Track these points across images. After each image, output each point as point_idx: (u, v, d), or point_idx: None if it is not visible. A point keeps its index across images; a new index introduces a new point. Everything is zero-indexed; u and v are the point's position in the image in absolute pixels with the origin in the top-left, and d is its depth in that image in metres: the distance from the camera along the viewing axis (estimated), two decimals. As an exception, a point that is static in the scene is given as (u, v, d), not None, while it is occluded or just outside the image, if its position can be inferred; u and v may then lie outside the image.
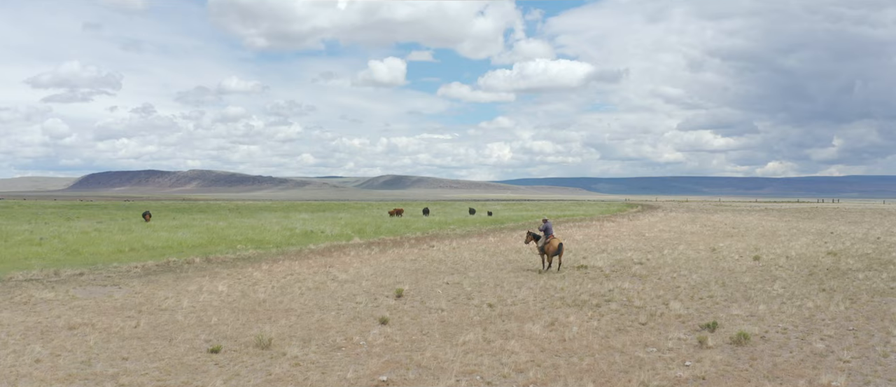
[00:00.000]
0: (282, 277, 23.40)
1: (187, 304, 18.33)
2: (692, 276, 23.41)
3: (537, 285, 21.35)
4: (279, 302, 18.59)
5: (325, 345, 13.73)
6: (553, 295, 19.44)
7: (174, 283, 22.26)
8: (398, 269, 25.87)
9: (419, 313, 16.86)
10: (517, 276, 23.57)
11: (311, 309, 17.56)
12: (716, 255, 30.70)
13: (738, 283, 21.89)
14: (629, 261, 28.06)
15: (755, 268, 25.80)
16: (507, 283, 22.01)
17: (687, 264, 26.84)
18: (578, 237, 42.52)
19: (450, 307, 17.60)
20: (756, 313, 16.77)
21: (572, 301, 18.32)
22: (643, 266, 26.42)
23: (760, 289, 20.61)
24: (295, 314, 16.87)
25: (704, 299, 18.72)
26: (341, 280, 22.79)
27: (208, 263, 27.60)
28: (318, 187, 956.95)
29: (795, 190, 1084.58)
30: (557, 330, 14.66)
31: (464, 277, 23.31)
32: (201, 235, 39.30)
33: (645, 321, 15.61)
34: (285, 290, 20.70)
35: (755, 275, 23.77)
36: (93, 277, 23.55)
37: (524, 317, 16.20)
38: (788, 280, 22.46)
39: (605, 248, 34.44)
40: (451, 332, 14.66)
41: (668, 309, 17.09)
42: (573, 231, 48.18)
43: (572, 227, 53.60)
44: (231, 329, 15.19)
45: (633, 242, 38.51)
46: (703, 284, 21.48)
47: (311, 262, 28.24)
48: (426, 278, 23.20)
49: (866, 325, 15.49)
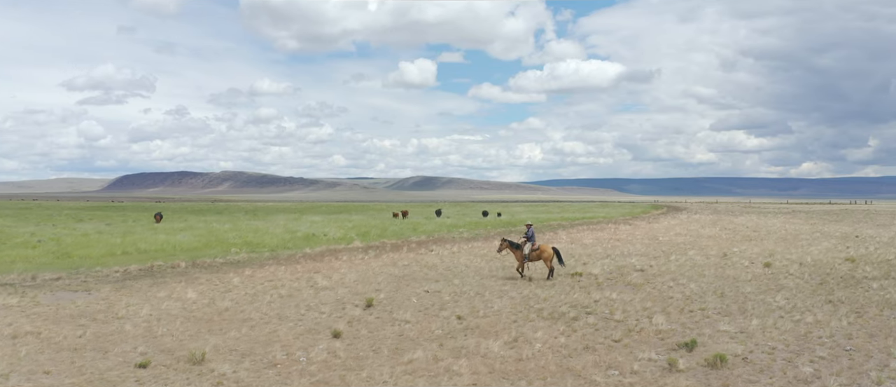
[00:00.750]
0: (259, 284, 22.53)
1: (146, 312, 17.56)
2: (690, 285, 21.95)
3: (520, 295, 20.12)
4: (241, 311, 17.69)
5: (262, 361, 12.74)
6: (532, 306, 18.20)
7: (147, 288, 21.54)
8: (384, 275, 24.84)
9: (380, 326, 15.79)
10: (504, 284, 22.35)
11: (270, 319, 16.61)
12: (725, 261, 29.07)
13: (738, 293, 20.40)
14: (630, 268, 26.63)
15: (763, 276, 24.21)
16: (490, 291, 20.82)
17: (690, 272, 25.33)
18: (588, 241, 41.07)
19: (416, 319, 16.49)
20: (747, 328, 15.35)
21: (549, 313, 17.07)
22: (643, 274, 25.00)
23: (760, 300, 19.11)
24: (250, 325, 15.94)
25: (694, 312, 17.32)
26: (319, 287, 21.84)
27: (193, 268, 26.89)
28: (349, 189, 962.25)
29: (830, 191, 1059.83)
30: (517, 348, 13.46)
31: (448, 285, 22.19)
32: (200, 238, 38.75)
33: (619, 338, 14.31)
34: (256, 297, 19.80)
35: (760, 284, 22.21)
36: (68, 282, 22.94)
37: (489, 331, 15.02)
38: (794, 290, 20.89)
39: (609, 253, 32.99)
40: (403, 348, 13.56)
41: (649, 324, 15.76)
42: (584, 235, 46.67)
43: (586, 230, 52.04)
44: (174, 342, 14.30)
45: (643, 246, 36.96)
46: (699, 295, 20.04)
47: (299, 267, 27.36)
48: (408, 286, 22.12)
49: (867, 344, 14.00)
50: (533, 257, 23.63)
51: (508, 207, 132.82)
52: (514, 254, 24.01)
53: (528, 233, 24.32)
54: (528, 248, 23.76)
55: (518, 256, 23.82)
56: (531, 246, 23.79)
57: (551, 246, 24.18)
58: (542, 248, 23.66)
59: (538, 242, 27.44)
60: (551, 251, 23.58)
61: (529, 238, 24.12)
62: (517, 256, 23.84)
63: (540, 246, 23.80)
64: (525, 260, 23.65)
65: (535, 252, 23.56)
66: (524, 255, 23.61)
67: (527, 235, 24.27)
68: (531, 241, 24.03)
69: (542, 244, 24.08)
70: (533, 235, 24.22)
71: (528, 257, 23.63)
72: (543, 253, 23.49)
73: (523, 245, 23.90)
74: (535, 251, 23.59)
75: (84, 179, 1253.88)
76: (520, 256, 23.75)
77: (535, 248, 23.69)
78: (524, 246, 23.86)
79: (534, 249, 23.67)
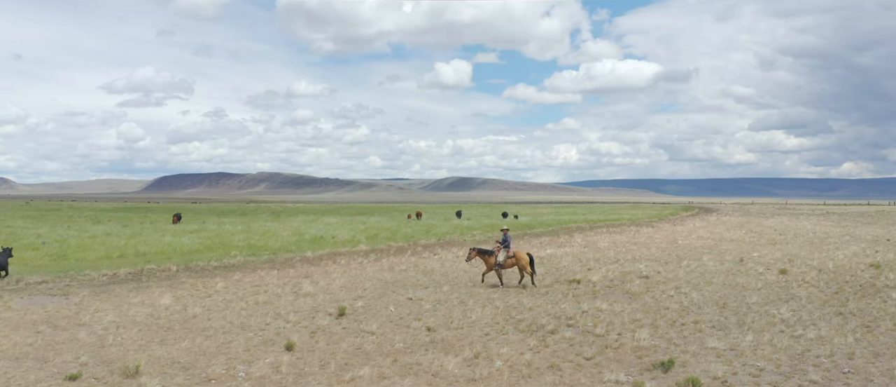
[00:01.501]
0: (242, 289, 21.83)
1: (110, 319, 16.96)
2: (692, 294, 20.57)
3: (506, 304, 19.02)
4: (208, 319, 16.95)
5: (198, 376, 11.93)
6: (513, 317, 17.09)
7: (127, 293, 21.01)
8: (374, 280, 23.95)
9: (342, 338, 14.87)
10: (493, 292, 21.25)
11: (232, 329, 15.82)
12: (740, 267, 27.50)
13: (741, 304, 18.99)
14: (634, 274, 25.28)
15: (775, 284, 22.68)
16: (475, 299, 19.76)
17: (697, 279, 23.90)
18: (603, 244, 39.60)
19: (383, 330, 15.54)
20: (738, 345, 14.04)
21: (528, 326, 15.95)
22: (646, 281, 23.66)
23: (763, 312, 17.70)
24: (207, 335, 15.17)
25: (686, 326, 16.03)
26: (302, 293, 21.04)
27: (184, 271, 26.34)
28: (384, 189, 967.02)
29: (871, 192, 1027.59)
30: (475, 365, 12.40)
31: (435, 292, 21.20)
32: (205, 241, 38.38)
33: (592, 356, 13.14)
34: (230, 304, 19.08)
35: (768, 293, 20.73)
36: (51, 286, 22.53)
37: (454, 346, 13.98)
38: (805, 300, 19.39)
39: (619, 258, 31.59)
40: (352, 364, 12.61)
41: (631, 339, 14.54)
42: (601, 238, 45.17)
43: (604, 233, 50.47)
44: (119, 352, 13.59)
45: (658, 251, 35.42)
46: (698, 305, 18.70)
47: (292, 271, 26.63)
48: (393, 292, 21.18)
49: (869, 365, 12.62)
50: (507, 265, 22.50)
51: (536, 209, 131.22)
52: (485, 261, 22.88)
53: (504, 239, 23.13)
54: (502, 255, 22.58)
55: (489, 263, 22.68)
56: (506, 253, 22.61)
57: (526, 253, 23.01)
58: (517, 254, 22.54)
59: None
60: (527, 258, 22.47)
61: (505, 244, 22.94)
62: (488, 264, 22.70)
63: (515, 253, 22.64)
64: (498, 267, 22.50)
65: (511, 259, 22.45)
66: (497, 262, 22.50)
67: (502, 242, 23.06)
68: (506, 247, 22.85)
69: (517, 251, 22.88)
70: (508, 242, 23.02)
71: (502, 265, 22.49)
72: (519, 260, 22.38)
73: (497, 252, 22.73)
74: (510, 259, 22.46)
75: (123, 181, 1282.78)
76: (491, 264, 22.62)
77: (510, 255, 22.54)
78: (499, 253, 22.69)
79: (509, 256, 22.51)
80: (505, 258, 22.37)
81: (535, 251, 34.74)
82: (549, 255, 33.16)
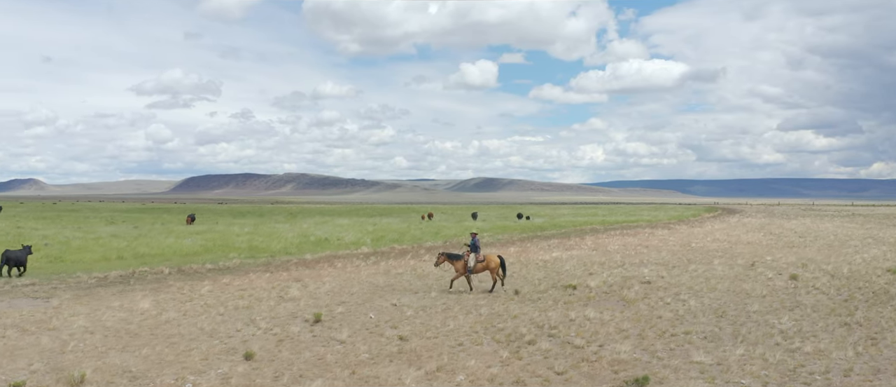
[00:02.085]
0: (227, 293, 21.37)
1: (81, 323, 16.55)
2: (690, 301, 19.59)
3: (491, 311, 18.23)
4: (180, 324, 16.45)
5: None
6: (494, 325, 16.31)
7: (109, 296, 20.68)
8: (364, 285, 23.32)
9: (309, 346, 14.23)
10: (480, 298, 20.45)
11: (199, 335, 15.28)
12: (749, 272, 26.36)
13: (741, 312, 17.99)
14: (636, 280, 24.32)
15: (782, 291, 21.58)
16: (460, 306, 19.01)
17: (701, 285, 22.87)
18: (613, 247, 38.55)
19: (352, 339, 14.87)
20: (726, 359, 13.11)
21: (506, 336, 15.16)
22: (647, 286, 22.71)
23: (762, 322, 16.70)
24: (171, 342, 14.63)
25: (676, 337, 15.11)
26: (287, 298, 20.50)
27: (175, 274, 26.00)
28: (409, 190, 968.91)
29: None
30: (435, 380, 11.67)
31: (422, 297, 20.51)
32: (207, 242, 38.13)
33: (563, 370, 12.31)
34: (208, 309, 18.58)
35: (772, 301, 19.67)
36: (37, 288, 22.31)
37: (420, 357, 13.26)
38: (810, 309, 18.32)
39: (625, 262, 30.58)
40: (307, 375, 11.95)
41: (611, 352, 13.68)
42: (612, 240, 44.07)
43: (618, 235, 49.32)
44: (75, 359, 13.11)
45: (669, 254, 34.30)
46: (694, 314, 17.74)
47: (285, 274, 26.13)
48: (380, 298, 20.52)
49: (865, 383, 11.64)
50: (478, 269, 21.73)
51: (556, 210, 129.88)
52: (455, 266, 22.11)
53: (473, 243, 22.31)
54: (473, 260, 21.81)
55: (458, 267, 21.91)
56: (476, 257, 21.82)
57: (497, 256, 22.21)
58: (487, 258, 21.82)
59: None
60: (498, 261, 21.72)
61: (473, 248, 22.14)
62: (457, 268, 21.93)
63: (486, 257, 21.92)
64: (468, 272, 21.74)
65: (481, 264, 21.69)
66: (468, 266, 21.73)
67: (470, 245, 22.28)
68: (476, 251, 22.05)
69: (488, 254, 22.09)
70: (477, 246, 22.22)
71: (473, 270, 21.71)
72: (490, 264, 21.62)
73: (467, 257, 21.95)
74: (480, 263, 21.70)
75: (152, 181, 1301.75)
76: (461, 268, 21.85)
77: (480, 259, 21.78)
78: (469, 257, 21.91)
79: (479, 260, 21.76)
80: (475, 263, 21.63)
81: (541, 255, 33.89)
82: (554, 258, 32.26)
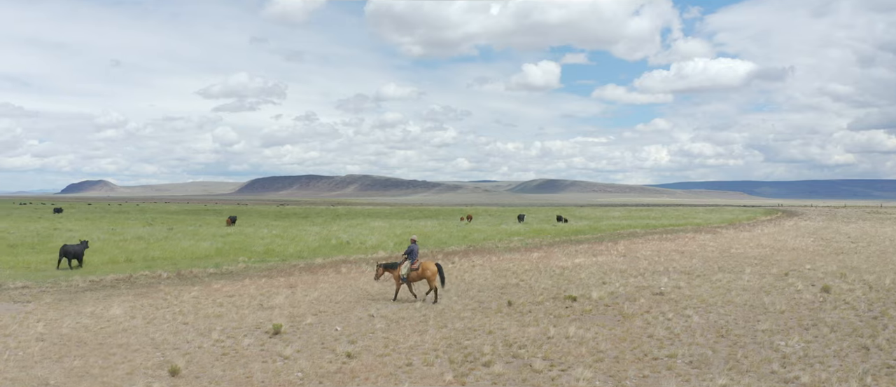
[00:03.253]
0: (209, 299, 20.77)
1: (39, 330, 16.19)
2: (694, 317, 17.70)
3: (465, 326, 16.85)
4: (133, 334, 15.80)
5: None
6: (459, 342, 14.93)
7: (89, 301, 20.38)
8: (353, 293, 22.27)
9: (245, 363, 13.23)
10: (463, 310, 19.04)
11: (144, 346, 14.52)
12: (779, 282, 24.07)
13: (745, 331, 16.05)
14: (649, 290, 22.45)
15: (805, 305, 19.39)
16: (440, 318, 17.70)
17: (716, 297, 20.85)
18: (644, 253, 36.35)
19: (297, 356, 13.78)
20: (701, 389, 11.39)
21: (465, 355, 13.76)
22: (658, 297, 20.87)
23: (766, 344, 14.78)
24: (110, 353, 13.94)
25: (658, 361, 13.41)
26: (265, 306, 19.69)
27: (172, 279, 25.59)
28: (470, 191, 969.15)
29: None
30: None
31: (403, 309, 19.31)
32: (224, 245, 37.83)
33: (503, 398, 10.86)
34: (176, 316, 17.93)
35: (789, 318, 17.58)
36: (25, 291, 22.23)
37: (356, 378, 12.11)
38: (830, 328, 16.21)
39: (647, 269, 28.55)
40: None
41: (572, 378, 12.15)
42: (646, 246, 41.73)
43: (655, 240, 46.82)
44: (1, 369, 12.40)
45: (699, 261, 31.98)
46: (692, 332, 15.92)
47: (282, 280, 25.35)
48: (360, 307, 19.42)
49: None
50: (413, 278, 20.44)
51: (609, 212, 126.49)
52: (393, 276, 21.05)
53: (409, 250, 20.87)
54: (406, 267, 20.47)
55: (395, 277, 20.79)
56: (411, 265, 20.48)
57: (435, 263, 20.75)
58: (423, 265, 20.42)
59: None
60: (435, 269, 20.35)
61: (409, 255, 20.74)
62: (395, 278, 20.80)
63: (421, 264, 20.48)
64: (403, 281, 20.45)
65: (416, 271, 20.37)
66: (402, 275, 20.47)
67: (407, 253, 20.90)
68: (412, 258, 20.64)
69: (423, 262, 20.64)
70: (414, 252, 20.75)
71: (407, 278, 20.42)
72: (426, 271, 20.27)
73: (402, 264, 20.70)
74: (414, 271, 20.39)
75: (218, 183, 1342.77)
76: (397, 278, 20.68)
77: (414, 267, 20.42)
78: (403, 265, 20.63)
79: (413, 267, 20.42)
80: (408, 271, 20.39)
81: (561, 261, 32.12)
82: (574, 265, 30.47)
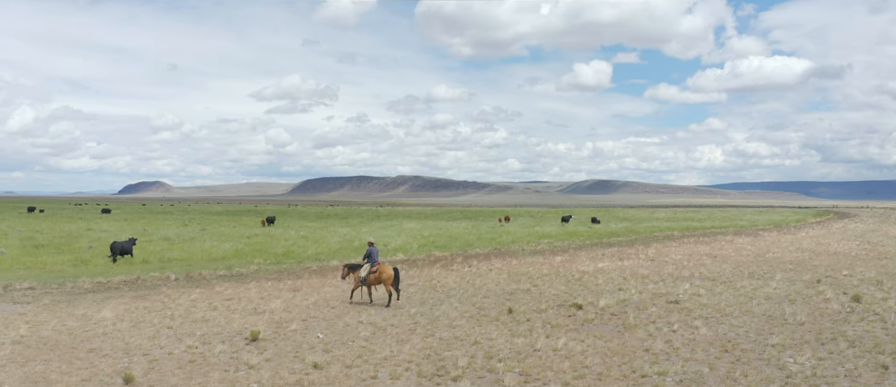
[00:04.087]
0: (205, 303, 20.51)
1: (20, 333, 16.24)
2: (701, 329, 16.45)
3: (451, 336, 16.03)
4: (109, 338, 15.57)
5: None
6: (438, 354, 14.11)
7: (86, 304, 20.41)
8: (347, 299, 21.64)
9: (206, 371, 12.72)
10: (459, 318, 18.18)
11: (111, 352, 14.23)
12: (808, 290, 22.47)
13: (754, 346, 14.77)
14: (664, 298, 21.20)
15: (829, 316, 17.89)
16: (423, 328, 16.91)
17: (734, 307, 19.48)
18: (674, 257, 34.77)
19: (263, 365, 13.25)
20: (680, 412, 10.32)
21: (436, 369, 12.94)
22: (672, 306, 19.64)
23: (773, 360, 13.52)
24: (75, 358, 13.71)
25: (646, 379, 12.35)
26: (259, 310, 19.34)
27: (179, 281, 25.51)
28: (521, 192, 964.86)
29: None
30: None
31: (394, 316, 18.59)
32: (244, 247, 37.83)
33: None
34: (163, 321, 17.67)
35: (805, 331, 16.18)
36: (28, 292, 22.50)
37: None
38: (847, 344, 14.79)
39: (670, 275, 27.13)
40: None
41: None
42: (680, 249, 40.00)
43: (691, 242, 44.93)
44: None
45: (730, 266, 30.33)
46: (694, 347, 14.74)
47: (288, 283, 25.03)
48: (350, 314, 18.81)
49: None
50: (371, 281, 20.23)
51: (654, 214, 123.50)
52: (354, 277, 20.88)
53: (368, 253, 20.72)
54: (365, 270, 20.27)
55: (355, 279, 20.65)
56: (369, 268, 20.29)
57: (392, 267, 20.47)
58: (380, 270, 20.19)
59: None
60: (391, 273, 20.06)
61: (369, 259, 20.53)
62: (355, 279, 20.67)
63: (379, 268, 20.23)
64: (362, 283, 20.31)
65: (374, 275, 20.15)
66: (361, 278, 20.27)
67: (366, 256, 20.74)
68: (371, 261, 20.46)
69: (381, 266, 20.39)
70: (373, 255, 20.50)
71: (365, 281, 20.20)
72: (381, 276, 20.00)
73: (362, 267, 20.58)
74: (372, 274, 20.12)
75: (271, 184, 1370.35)
76: (356, 280, 20.54)
77: (372, 270, 20.20)
78: (362, 268, 20.48)
79: (371, 271, 20.15)
80: (367, 273, 20.19)
81: (584, 265, 30.92)
82: (595, 270, 29.25)
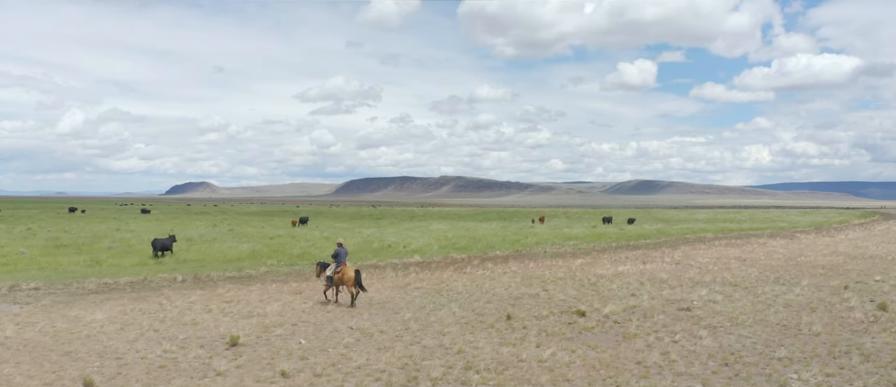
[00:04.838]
0: (202, 306, 20.31)
1: (5, 334, 16.27)
2: (705, 340, 15.46)
3: (436, 343, 15.38)
4: (92, 341, 15.38)
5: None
6: (415, 365, 13.47)
7: (84, 305, 20.43)
8: (347, 302, 21.23)
9: (172, 378, 12.38)
10: (454, 325, 17.53)
11: (89, 356, 14.04)
12: (832, 297, 21.16)
13: (758, 360, 13.75)
14: (677, 305, 20.17)
15: (849, 326, 16.68)
16: (411, 335, 16.31)
17: (747, 315, 18.36)
18: (700, 260, 33.42)
19: (231, 372, 12.83)
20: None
21: (407, 380, 12.34)
22: (683, 314, 18.64)
23: (775, 376, 12.51)
24: (46, 362, 13.52)
25: (625, 391, 11.51)
26: (255, 314, 19.02)
27: (185, 282, 25.45)
28: (564, 193, 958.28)
29: None
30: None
31: (387, 321, 18.07)
32: (262, 249, 37.72)
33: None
34: (153, 323, 17.49)
35: (818, 343, 15.05)
36: (31, 294, 22.70)
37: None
38: (861, 358, 13.66)
39: (689, 280, 25.95)
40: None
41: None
42: (708, 252, 38.51)
43: (722, 245, 43.26)
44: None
45: (756, 271, 28.94)
46: (692, 360, 13.80)
47: (293, 286, 24.78)
48: (343, 319, 18.32)
49: None
50: (337, 280, 20.75)
51: (694, 215, 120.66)
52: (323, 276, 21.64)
53: (335, 253, 21.35)
54: (331, 269, 20.98)
55: (325, 278, 21.30)
56: (334, 268, 20.90)
57: (354, 268, 20.68)
58: (343, 271, 20.56)
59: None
60: (352, 274, 20.30)
61: (336, 258, 21.19)
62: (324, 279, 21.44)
63: (342, 269, 20.60)
64: (328, 283, 20.90)
65: (338, 275, 20.66)
66: (327, 276, 20.97)
67: (334, 255, 21.30)
68: (337, 261, 21.07)
69: (344, 267, 20.74)
70: (340, 255, 21.14)
71: (332, 280, 20.81)
72: (343, 277, 20.48)
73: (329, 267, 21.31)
74: (336, 274, 20.70)
75: (316, 184, 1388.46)
76: (324, 280, 21.37)
77: (336, 270, 20.77)
78: (329, 268, 21.22)
79: (336, 271, 20.79)
80: (332, 273, 20.88)
81: (604, 269, 29.89)
82: (613, 273, 28.20)
